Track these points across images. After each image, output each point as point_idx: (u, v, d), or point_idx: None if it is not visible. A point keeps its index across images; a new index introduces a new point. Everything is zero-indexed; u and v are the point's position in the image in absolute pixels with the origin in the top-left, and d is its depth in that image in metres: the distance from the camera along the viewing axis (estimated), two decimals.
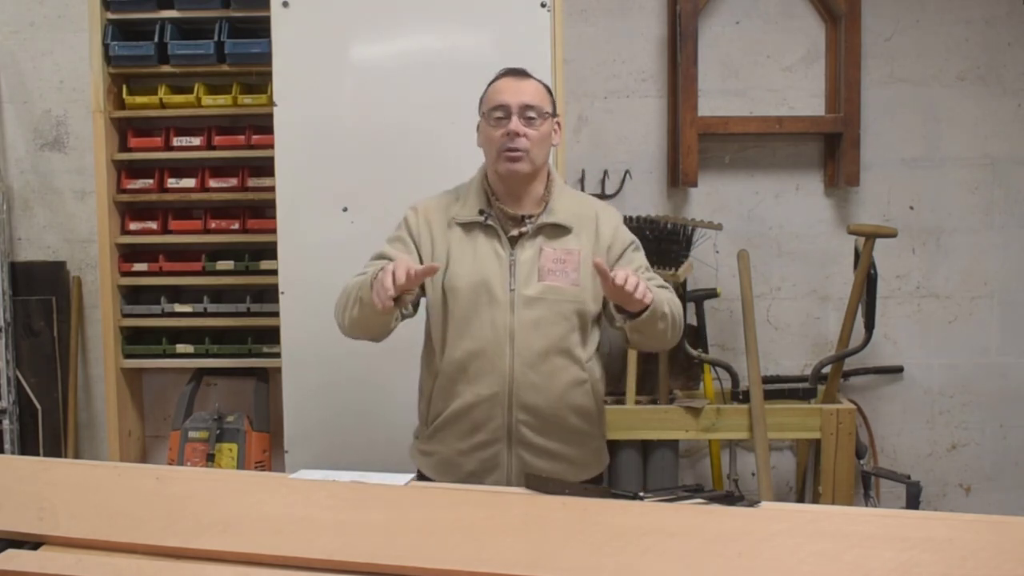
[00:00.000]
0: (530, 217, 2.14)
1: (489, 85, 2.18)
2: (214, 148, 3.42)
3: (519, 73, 2.16)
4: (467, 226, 2.15)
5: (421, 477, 2.17)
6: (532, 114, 2.09)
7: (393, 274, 1.91)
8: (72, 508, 1.66)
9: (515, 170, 2.09)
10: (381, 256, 2.16)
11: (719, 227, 3.40)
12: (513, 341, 2.08)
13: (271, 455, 3.38)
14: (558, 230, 2.14)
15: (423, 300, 2.20)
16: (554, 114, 2.17)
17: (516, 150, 2.08)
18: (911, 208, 3.62)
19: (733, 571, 1.41)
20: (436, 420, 2.17)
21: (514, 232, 2.14)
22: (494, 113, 2.10)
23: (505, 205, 2.15)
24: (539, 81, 2.17)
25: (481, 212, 2.14)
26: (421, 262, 2.14)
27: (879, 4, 3.54)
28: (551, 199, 2.16)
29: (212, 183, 3.43)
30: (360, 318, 2.07)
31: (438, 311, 2.15)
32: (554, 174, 2.22)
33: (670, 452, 3.31)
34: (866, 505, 3.35)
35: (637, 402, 3.32)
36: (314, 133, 2.89)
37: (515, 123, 2.08)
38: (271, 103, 2.91)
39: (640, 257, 2.22)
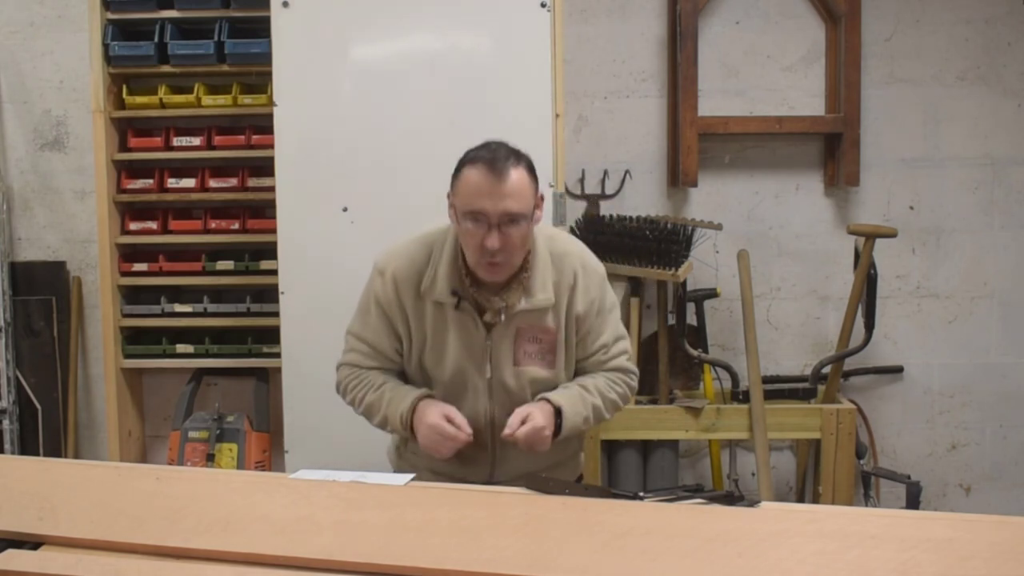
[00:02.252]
0: (507, 307, 2.02)
1: (463, 167, 1.93)
2: (214, 148, 3.41)
3: (499, 169, 1.88)
4: (440, 304, 2.04)
5: None
6: (513, 218, 1.90)
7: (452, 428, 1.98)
8: (72, 508, 1.66)
9: (495, 278, 1.98)
10: (361, 339, 2.12)
11: (719, 227, 3.40)
12: (493, 426, 2.08)
13: (271, 455, 3.38)
14: (535, 311, 2.04)
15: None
16: (537, 194, 1.97)
17: (495, 262, 1.93)
18: (911, 208, 3.62)
19: (733, 571, 1.41)
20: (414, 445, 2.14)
21: (488, 317, 2.04)
22: (470, 217, 1.90)
23: (480, 293, 2.02)
24: (522, 167, 1.92)
25: (454, 293, 2.01)
26: (397, 332, 2.09)
27: (879, 4, 3.54)
28: (530, 279, 2.02)
29: (212, 183, 3.43)
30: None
31: (418, 382, 2.13)
32: (534, 242, 2.02)
33: (670, 452, 3.31)
34: (866, 505, 3.35)
35: (637, 402, 3.31)
36: (314, 133, 2.89)
37: (494, 239, 1.88)
38: (271, 103, 2.92)
39: (610, 325, 2.12)
